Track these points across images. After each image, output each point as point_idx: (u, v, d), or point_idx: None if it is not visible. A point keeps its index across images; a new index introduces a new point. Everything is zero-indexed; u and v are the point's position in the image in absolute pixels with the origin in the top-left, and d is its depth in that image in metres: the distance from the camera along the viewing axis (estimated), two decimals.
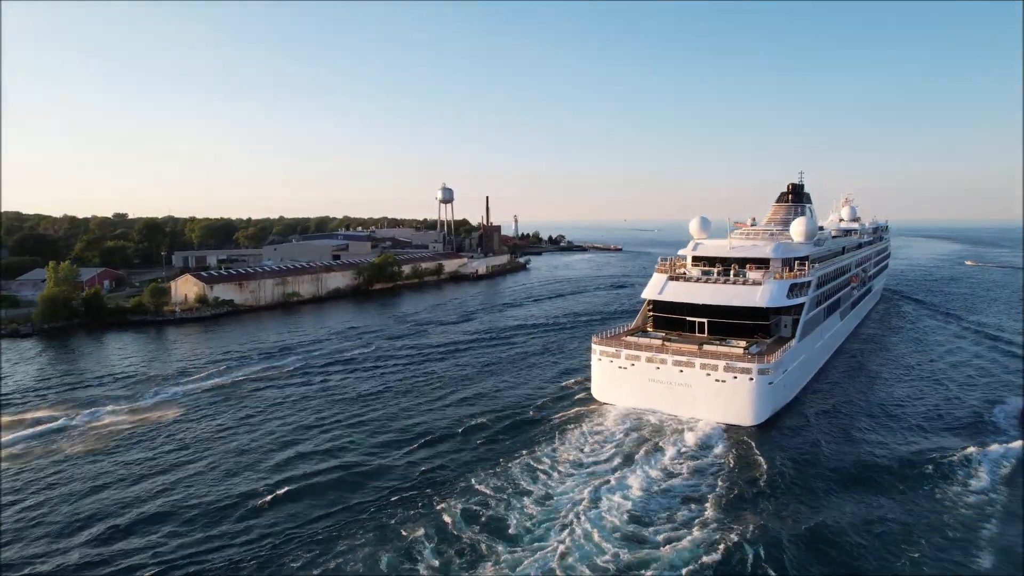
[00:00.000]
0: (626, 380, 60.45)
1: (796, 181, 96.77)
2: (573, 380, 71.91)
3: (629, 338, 64.12)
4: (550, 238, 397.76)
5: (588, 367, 71.63)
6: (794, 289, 65.49)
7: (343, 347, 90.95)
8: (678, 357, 57.65)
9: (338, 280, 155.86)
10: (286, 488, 44.56)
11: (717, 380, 55.60)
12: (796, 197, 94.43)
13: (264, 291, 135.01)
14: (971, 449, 50.25)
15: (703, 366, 56.17)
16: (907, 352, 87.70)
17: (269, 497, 43.05)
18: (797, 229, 77.11)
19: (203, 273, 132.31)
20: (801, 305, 66.02)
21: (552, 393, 67.26)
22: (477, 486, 44.17)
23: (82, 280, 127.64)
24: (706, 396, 56.36)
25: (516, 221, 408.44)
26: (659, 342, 61.64)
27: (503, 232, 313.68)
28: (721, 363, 55.52)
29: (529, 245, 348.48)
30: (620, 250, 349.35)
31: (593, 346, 63.39)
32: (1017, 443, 51.38)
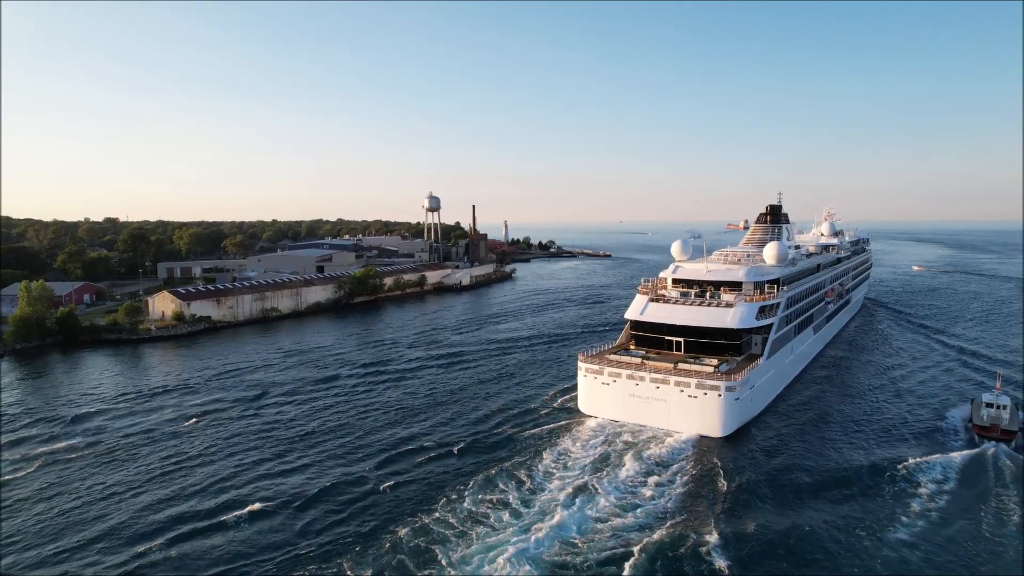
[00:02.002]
0: (609, 395, 64.63)
1: (775, 202, 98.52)
2: (552, 394, 75.37)
3: (612, 356, 68.38)
4: (540, 243, 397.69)
5: (553, 387, 77.63)
6: (763, 311, 69.10)
7: (307, 369, 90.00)
8: (655, 375, 61.98)
9: (318, 294, 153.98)
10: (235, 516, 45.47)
11: (690, 396, 60.21)
12: (774, 218, 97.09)
13: (242, 307, 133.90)
14: (912, 459, 54.00)
15: (677, 383, 60.94)
16: (875, 364, 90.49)
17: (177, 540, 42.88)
18: (769, 253, 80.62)
19: (180, 290, 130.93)
20: (770, 325, 69.52)
21: (538, 407, 70.86)
22: (494, 480, 50.36)
23: (60, 296, 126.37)
24: (680, 410, 60.84)
25: (506, 226, 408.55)
26: (639, 360, 65.55)
27: (495, 237, 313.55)
28: (693, 380, 60.30)
29: (519, 251, 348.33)
30: (609, 256, 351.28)
31: (579, 363, 67.26)
32: (957, 454, 54.87)
